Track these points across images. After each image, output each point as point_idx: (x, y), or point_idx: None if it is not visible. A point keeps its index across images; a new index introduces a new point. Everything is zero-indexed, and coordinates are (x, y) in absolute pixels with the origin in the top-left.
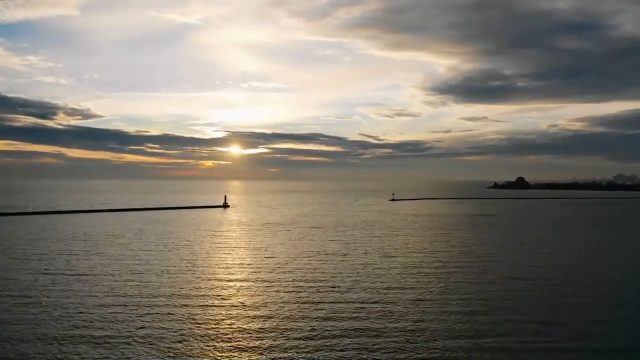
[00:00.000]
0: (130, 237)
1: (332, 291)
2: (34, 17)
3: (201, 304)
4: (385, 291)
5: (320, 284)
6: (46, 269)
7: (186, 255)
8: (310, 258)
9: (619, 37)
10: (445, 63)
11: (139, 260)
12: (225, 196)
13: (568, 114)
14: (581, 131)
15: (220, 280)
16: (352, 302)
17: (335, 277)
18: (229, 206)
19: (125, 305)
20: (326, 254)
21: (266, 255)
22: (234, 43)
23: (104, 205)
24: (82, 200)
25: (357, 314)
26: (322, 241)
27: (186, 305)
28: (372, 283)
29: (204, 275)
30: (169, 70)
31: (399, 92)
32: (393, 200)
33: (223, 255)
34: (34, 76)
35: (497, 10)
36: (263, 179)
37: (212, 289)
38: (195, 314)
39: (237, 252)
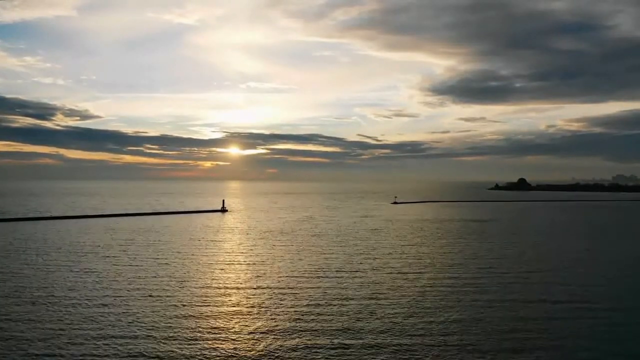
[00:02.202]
0: (118, 248)
1: (339, 326)
2: (31, 18)
3: (189, 334)
4: (398, 320)
5: (325, 309)
6: (15, 290)
7: (177, 271)
8: (312, 276)
9: (617, 38)
10: (443, 64)
11: (123, 278)
12: (224, 200)
13: (566, 115)
14: (579, 131)
15: (213, 303)
16: (364, 333)
17: (342, 300)
18: (227, 211)
19: (95, 339)
20: (330, 270)
21: (265, 272)
22: (231, 44)
23: (96, 210)
24: (75, 203)
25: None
26: (324, 254)
27: (171, 338)
28: (383, 308)
29: (194, 298)
30: (167, 71)
31: (397, 93)
32: (395, 203)
33: (217, 272)
34: (32, 77)
35: (494, 11)
36: (261, 180)
37: (202, 311)
38: (183, 348)
39: (233, 268)
